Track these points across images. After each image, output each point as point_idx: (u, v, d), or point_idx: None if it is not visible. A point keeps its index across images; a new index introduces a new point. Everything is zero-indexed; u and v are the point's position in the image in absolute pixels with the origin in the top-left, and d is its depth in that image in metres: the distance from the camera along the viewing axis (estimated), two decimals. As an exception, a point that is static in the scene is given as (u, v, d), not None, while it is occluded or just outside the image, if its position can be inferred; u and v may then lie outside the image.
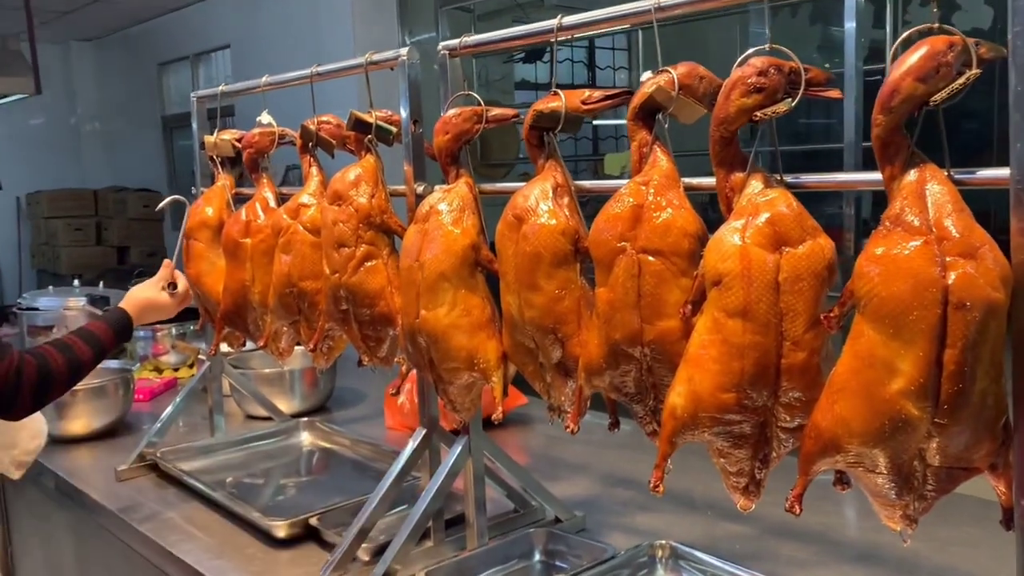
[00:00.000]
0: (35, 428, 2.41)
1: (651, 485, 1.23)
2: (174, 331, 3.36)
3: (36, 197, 8.34)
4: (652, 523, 1.96)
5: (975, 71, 1.01)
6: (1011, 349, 1.01)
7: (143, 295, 2.14)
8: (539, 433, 2.65)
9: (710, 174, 1.25)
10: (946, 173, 1.04)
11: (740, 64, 1.17)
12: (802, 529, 1.88)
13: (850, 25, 4.06)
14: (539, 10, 6.31)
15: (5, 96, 6.20)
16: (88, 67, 8.93)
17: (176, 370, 3.41)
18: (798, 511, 1.12)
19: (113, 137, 8.94)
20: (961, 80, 1.01)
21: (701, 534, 1.88)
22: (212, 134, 2.30)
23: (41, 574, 2.84)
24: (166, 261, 2.24)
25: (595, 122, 7.14)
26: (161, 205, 2.47)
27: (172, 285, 2.20)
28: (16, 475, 2.38)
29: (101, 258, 8.09)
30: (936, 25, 1.04)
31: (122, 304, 2.09)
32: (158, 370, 3.40)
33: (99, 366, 1.97)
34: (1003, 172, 1.00)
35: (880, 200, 1.09)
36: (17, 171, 8.07)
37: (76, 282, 3.79)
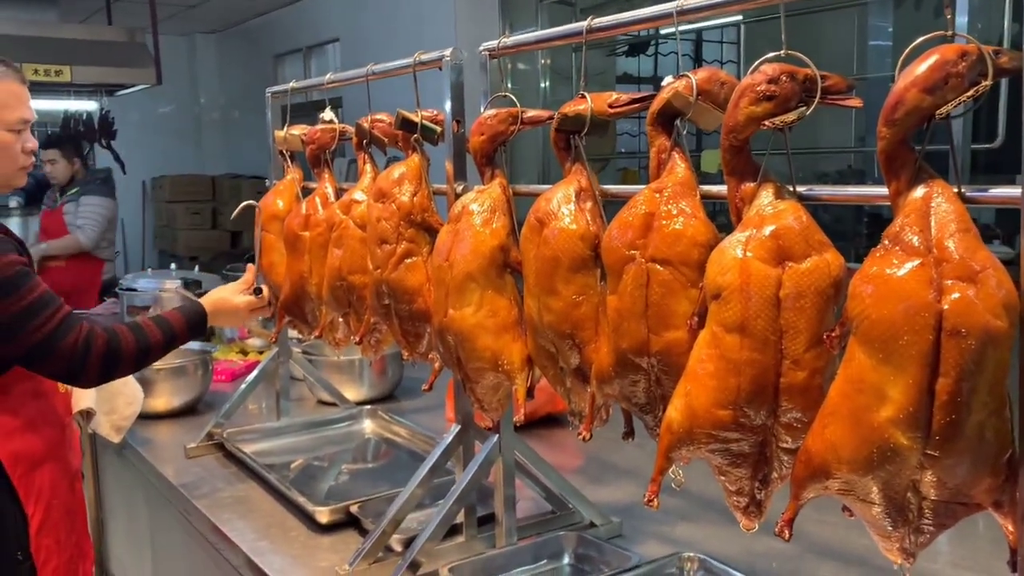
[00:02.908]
0: (131, 394, 2.57)
1: (646, 499, 1.21)
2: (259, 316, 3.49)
3: (160, 182, 8.81)
4: (691, 534, 1.92)
5: (987, 83, 0.95)
6: (1018, 380, 0.95)
7: (220, 295, 2.16)
8: (594, 434, 2.63)
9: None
10: (956, 190, 0.98)
11: (753, 71, 1.13)
12: (846, 550, 1.81)
13: (962, 20, 3.85)
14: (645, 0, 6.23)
15: (131, 86, 6.59)
16: (211, 58, 9.36)
17: (261, 353, 3.55)
18: (787, 536, 1.08)
19: (231, 126, 9.35)
20: (970, 92, 0.94)
21: (740, 549, 1.83)
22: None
23: (123, 538, 3.02)
24: (250, 266, 2.29)
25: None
26: (235, 214, 2.54)
27: (258, 291, 2.20)
28: (116, 439, 2.55)
29: (216, 242, 8.48)
30: (951, 33, 0.98)
31: (203, 299, 2.13)
32: (243, 352, 3.55)
33: (181, 347, 2.08)
34: (1016, 191, 0.93)
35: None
36: (144, 156, 8.54)
37: (173, 265, 4.00)
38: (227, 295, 2.16)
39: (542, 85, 6.24)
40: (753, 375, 1.09)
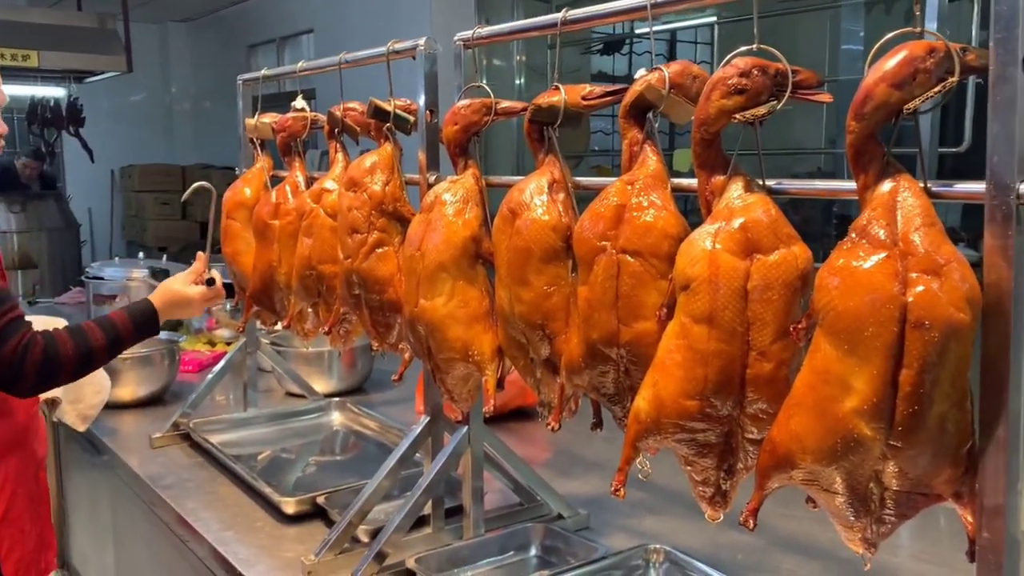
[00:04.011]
0: (99, 383, 2.54)
1: (612, 488, 1.21)
2: (228, 306, 3.46)
3: (129, 171, 8.69)
4: (658, 526, 1.94)
5: (954, 79, 0.96)
6: (980, 373, 0.96)
7: (170, 287, 2.04)
8: (563, 427, 2.64)
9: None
10: (921, 185, 0.99)
11: (724, 64, 1.14)
12: (810, 544, 1.83)
13: (931, 25, 3.90)
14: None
15: (101, 73, 6.50)
16: (183, 47, 9.26)
17: (228, 344, 3.52)
18: (752, 526, 1.09)
19: (202, 116, 9.25)
20: (938, 88, 0.96)
21: (706, 541, 1.85)
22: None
23: (86, 528, 2.98)
24: (199, 254, 2.14)
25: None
26: (186, 195, 2.45)
27: (210, 281, 2.09)
28: (82, 428, 2.51)
29: (185, 232, 8.39)
30: (919, 29, 0.99)
31: (151, 296, 2.01)
32: (211, 343, 3.52)
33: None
34: (980, 187, 0.95)
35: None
36: (113, 145, 8.44)
37: (141, 254, 3.95)
38: (178, 287, 2.04)
39: (517, 82, 6.24)
40: (720, 366, 1.10)
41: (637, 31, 7.23)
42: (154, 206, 8.37)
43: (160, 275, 3.62)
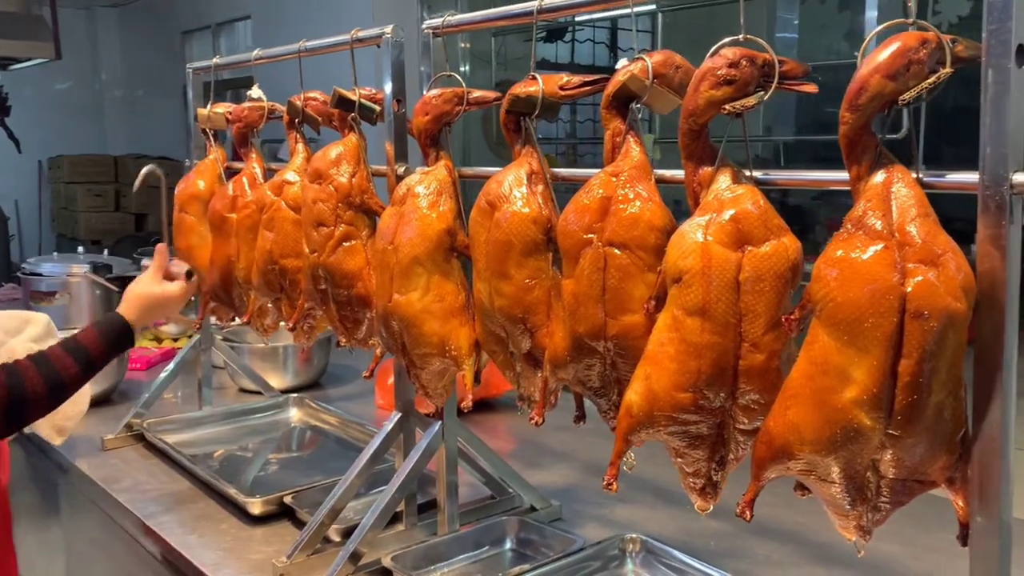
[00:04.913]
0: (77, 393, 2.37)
1: (604, 482, 1.21)
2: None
3: (58, 161, 8.40)
4: (630, 515, 1.94)
5: (947, 70, 0.97)
6: (974, 361, 0.98)
7: (142, 291, 1.89)
8: (526, 419, 2.63)
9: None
10: (915, 176, 1.00)
11: (712, 54, 1.13)
12: (781, 529, 1.85)
13: (871, 14, 3.99)
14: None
15: (27, 60, 6.24)
16: (112, 34, 8.96)
17: (176, 340, 3.42)
18: (748, 517, 1.09)
19: (135, 104, 8.98)
20: (932, 79, 0.96)
21: (678, 529, 1.86)
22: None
23: (34, 536, 2.87)
24: (159, 247, 2.02)
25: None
26: (137, 183, 2.34)
27: (190, 274, 1.98)
28: (58, 441, 2.30)
29: (119, 224, 8.15)
30: (911, 21, 1.00)
31: (120, 307, 1.86)
32: (157, 340, 3.42)
33: None
34: (973, 177, 0.96)
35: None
36: (41, 135, 8.14)
37: (81, 249, 3.80)
38: (151, 289, 1.90)
39: (462, 68, 6.20)
40: (713, 358, 1.10)
41: (578, 19, 7.26)
42: (86, 198, 8.12)
43: (101, 270, 3.50)
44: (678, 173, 1.25)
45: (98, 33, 8.92)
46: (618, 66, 1.28)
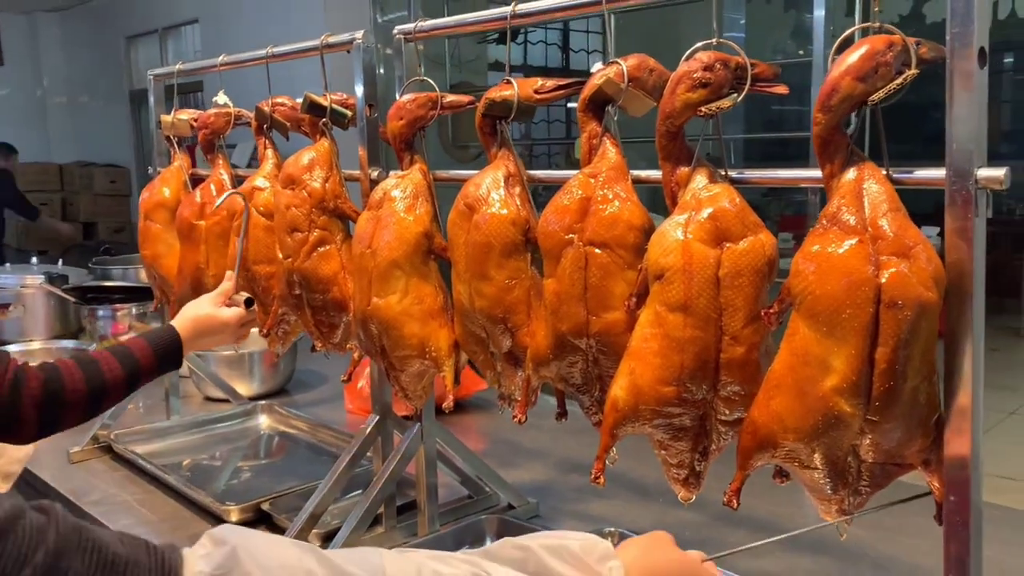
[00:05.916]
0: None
1: (592, 476, 1.24)
2: (134, 311, 3.32)
3: (0, 170, 8.19)
4: (605, 510, 1.97)
5: (913, 71, 1.02)
6: (944, 348, 1.03)
7: (200, 311, 1.76)
8: (498, 418, 2.66)
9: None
10: (884, 172, 1.05)
11: (687, 58, 1.17)
12: (752, 517, 1.90)
13: (819, 13, 4.08)
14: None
15: (-34, 67, 6.11)
16: (54, 39, 8.77)
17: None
18: (735, 505, 1.13)
19: (80, 111, 8.80)
20: (899, 80, 1.01)
21: (652, 521, 1.90)
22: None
23: (-5, 555, 2.81)
24: (228, 273, 1.87)
25: (569, 105, 7.14)
26: (219, 202, 2.08)
27: (249, 301, 1.85)
28: (3, 487, 2.23)
29: (68, 233, 7.97)
30: (877, 24, 1.04)
31: (176, 320, 1.75)
32: (118, 350, 3.36)
33: (53, 344, 1.87)
34: (940, 172, 1.01)
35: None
36: (-18, 143, 7.93)
37: (34, 259, 3.73)
38: (210, 311, 1.76)
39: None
40: (696, 352, 1.14)
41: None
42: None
43: (58, 280, 3.44)
44: (654, 173, 1.29)
45: (39, 38, 8.73)
46: (593, 69, 1.32)
